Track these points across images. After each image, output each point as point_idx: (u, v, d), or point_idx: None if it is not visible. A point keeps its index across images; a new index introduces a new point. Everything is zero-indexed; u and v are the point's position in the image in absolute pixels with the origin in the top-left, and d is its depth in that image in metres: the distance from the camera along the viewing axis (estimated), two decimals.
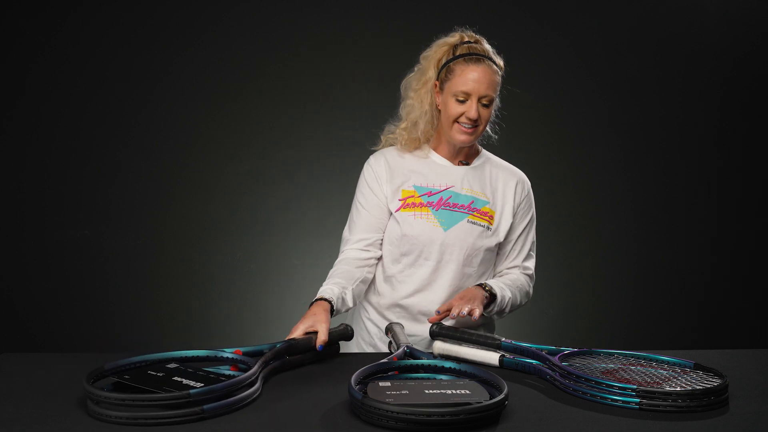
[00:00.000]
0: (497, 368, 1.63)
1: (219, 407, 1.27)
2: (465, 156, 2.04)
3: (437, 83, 1.94)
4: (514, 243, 2.05)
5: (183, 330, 3.62)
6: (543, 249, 3.77)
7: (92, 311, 3.59)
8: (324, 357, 1.70)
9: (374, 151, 2.08)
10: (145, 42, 3.58)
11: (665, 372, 1.51)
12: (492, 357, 1.65)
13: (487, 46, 1.95)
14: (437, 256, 1.95)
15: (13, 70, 3.55)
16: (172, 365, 1.45)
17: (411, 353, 1.58)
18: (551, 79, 3.68)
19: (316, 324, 1.70)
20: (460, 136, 1.92)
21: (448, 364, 1.47)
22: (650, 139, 3.73)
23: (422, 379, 1.45)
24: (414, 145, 2.01)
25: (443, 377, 1.45)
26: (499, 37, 3.66)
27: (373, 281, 2.03)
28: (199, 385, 1.31)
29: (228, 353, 1.55)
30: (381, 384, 1.34)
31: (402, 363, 1.49)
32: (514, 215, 2.03)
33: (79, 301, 3.59)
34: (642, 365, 1.57)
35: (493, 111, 1.95)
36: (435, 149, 2.03)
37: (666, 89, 3.72)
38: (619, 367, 1.54)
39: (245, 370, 1.45)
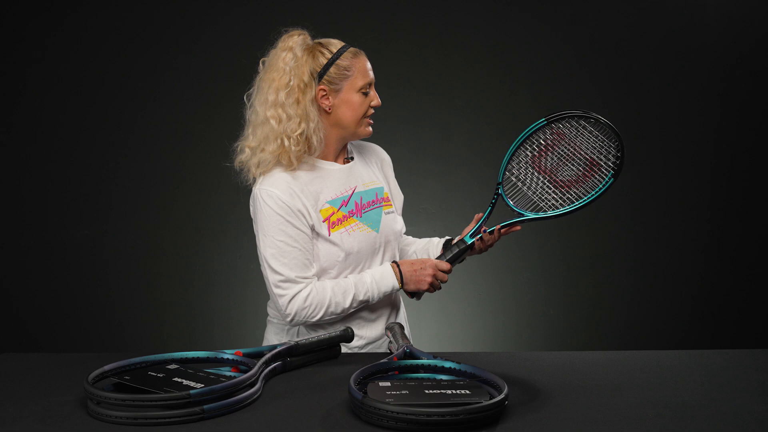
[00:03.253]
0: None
1: (219, 407, 1.28)
2: (345, 152, 1.99)
3: (323, 88, 1.83)
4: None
5: (183, 330, 3.62)
6: (543, 249, 3.80)
7: (92, 311, 3.60)
8: (324, 358, 1.71)
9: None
10: (146, 42, 3.58)
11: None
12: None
13: None
14: (379, 260, 1.94)
15: (14, 69, 3.56)
16: (173, 366, 1.45)
17: (411, 353, 1.58)
18: (551, 79, 3.68)
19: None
20: (367, 129, 1.90)
21: (448, 364, 1.47)
22: (650, 139, 3.73)
23: (422, 379, 1.45)
24: (300, 160, 1.85)
25: (443, 377, 1.45)
26: (499, 37, 3.69)
27: None
28: (199, 385, 1.31)
29: (228, 354, 1.55)
30: (381, 384, 1.34)
31: (402, 363, 1.49)
32: (397, 189, 2.09)
33: (79, 301, 3.60)
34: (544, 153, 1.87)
35: None
36: (320, 156, 1.90)
37: (666, 89, 3.71)
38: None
39: (246, 371, 1.45)
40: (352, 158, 1.99)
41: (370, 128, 1.91)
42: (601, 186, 1.82)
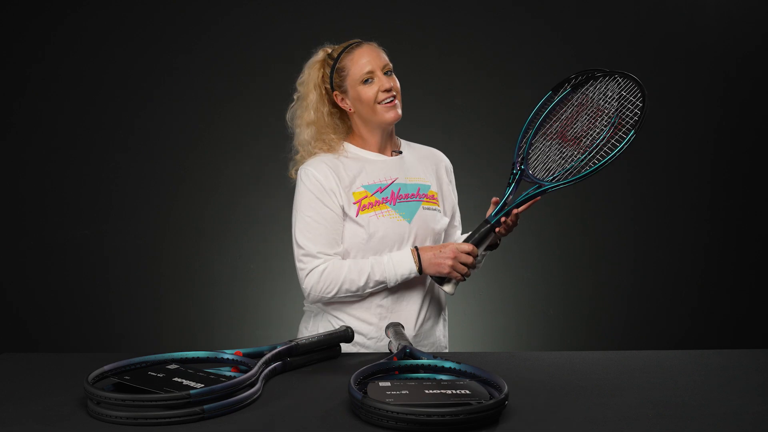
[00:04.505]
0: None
1: (219, 407, 1.27)
2: (394, 146, 2.04)
3: (336, 94, 1.96)
4: (453, 220, 2.10)
5: (183, 330, 3.62)
6: (543, 249, 3.80)
7: (92, 311, 3.59)
8: (324, 358, 1.71)
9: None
10: (146, 42, 3.58)
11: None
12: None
13: None
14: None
15: (14, 69, 3.56)
16: (173, 366, 1.45)
17: (411, 353, 1.58)
18: (551, 79, 3.67)
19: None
20: (388, 114, 1.92)
21: (448, 364, 1.47)
22: (650, 139, 3.72)
23: (422, 379, 1.45)
24: (334, 148, 1.98)
25: (443, 377, 1.45)
26: (499, 38, 3.69)
27: None
28: (199, 385, 1.31)
29: (228, 354, 1.55)
30: (381, 384, 1.34)
31: (402, 363, 1.49)
32: (450, 194, 2.10)
33: (79, 301, 3.60)
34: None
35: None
36: (362, 147, 2.00)
37: (666, 89, 3.71)
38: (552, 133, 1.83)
39: (246, 371, 1.45)
40: (401, 152, 2.03)
41: (392, 113, 1.92)
42: (624, 142, 1.77)
